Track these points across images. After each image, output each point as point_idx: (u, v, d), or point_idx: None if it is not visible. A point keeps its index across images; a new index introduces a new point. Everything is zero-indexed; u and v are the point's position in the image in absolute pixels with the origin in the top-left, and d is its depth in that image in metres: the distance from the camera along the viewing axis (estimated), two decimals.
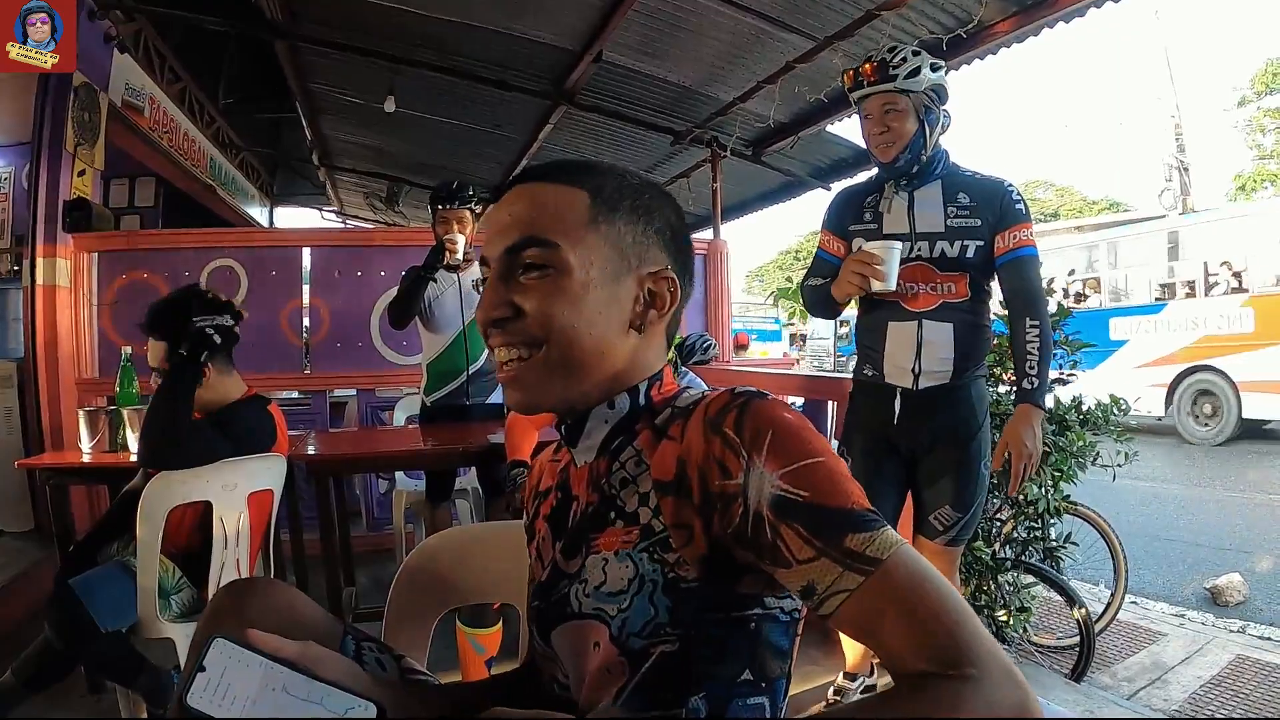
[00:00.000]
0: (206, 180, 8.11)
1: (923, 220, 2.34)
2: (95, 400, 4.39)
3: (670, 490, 0.84)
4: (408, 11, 5.31)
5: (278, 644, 0.79)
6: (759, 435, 0.78)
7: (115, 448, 3.06)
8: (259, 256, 4.95)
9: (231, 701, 0.75)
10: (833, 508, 0.74)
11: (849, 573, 0.71)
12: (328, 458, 3.22)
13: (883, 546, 0.71)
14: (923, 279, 2.33)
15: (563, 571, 0.92)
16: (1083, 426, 3.39)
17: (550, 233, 0.88)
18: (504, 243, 0.90)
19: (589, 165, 0.96)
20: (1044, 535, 3.41)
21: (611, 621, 0.84)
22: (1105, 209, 37.37)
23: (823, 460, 0.77)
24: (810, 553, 0.73)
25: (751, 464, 0.77)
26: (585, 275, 0.88)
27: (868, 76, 2.32)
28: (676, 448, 0.86)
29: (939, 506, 2.39)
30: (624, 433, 0.93)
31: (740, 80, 5.89)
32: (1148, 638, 3.75)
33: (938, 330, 2.34)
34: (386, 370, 5.07)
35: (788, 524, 0.74)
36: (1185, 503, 7.53)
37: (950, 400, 2.37)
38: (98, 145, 4.96)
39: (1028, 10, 4.37)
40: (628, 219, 0.93)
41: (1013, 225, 2.31)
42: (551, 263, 0.88)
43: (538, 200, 0.91)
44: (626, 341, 0.93)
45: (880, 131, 2.33)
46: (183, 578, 2.41)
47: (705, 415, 0.83)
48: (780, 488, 0.75)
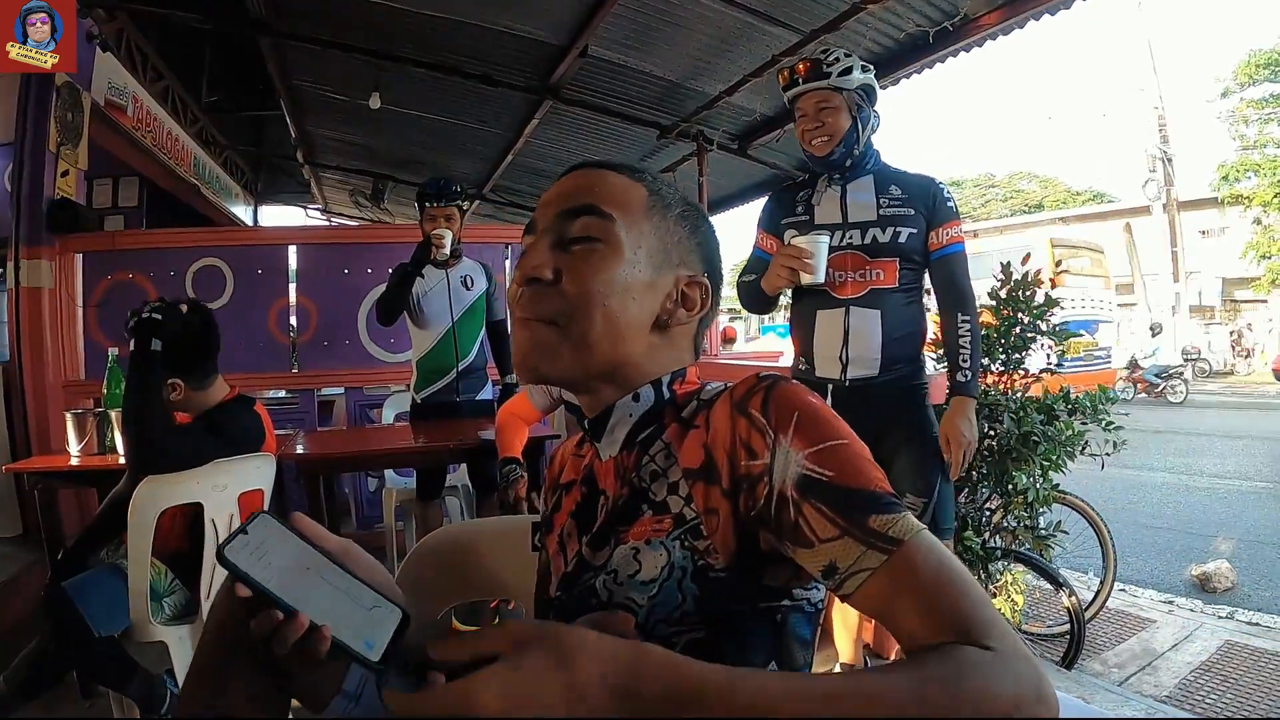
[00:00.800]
0: (191, 179, 8.05)
1: (855, 210, 2.41)
2: (82, 402, 4.36)
3: (700, 476, 0.84)
4: (392, 7, 5.28)
5: (321, 533, 0.80)
6: (785, 416, 0.79)
7: (104, 450, 3.05)
8: (245, 255, 4.92)
9: (265, 567, 0.77)
10: (857, 488, 0.75)
11: (872, 551, 0.72)
12: (318, 457, 3.22)
13: (905, 529, 0.72)
14: (852, 266, 2.39)
15: (589, 564, 0.92)
16: (1070, 416, 3.41)
17: (609, 206, 0.90)
18: (561, 205, 0.92)
19: (646, 169, 0.99)
20: (1034, 524, 3.42)
21: (640, 610, 0.84)
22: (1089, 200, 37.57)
23: (847, 443, 0.78)
24: (834, 531, 0.73)
25: (778, 444, 0.78)
26: (632, 255, 0.90)
27: (802, 75, 2.40)
28: (703, 435, 0.86)
29: (901, 497, 2.40)
30: (650, 425, 0.93)
31: (726, 74, 5.89)
32: (1137, 625, 3.77)
33: (865, 317, 2.39)
34: (374, 368, 5.05)
35: (812, 503, 0.75)
36: (1173, 490, 7.59)
37: (881, 397, 2.41)
38: (81, 145, 4.91)
39: (1013, 3, 4.38)
40: (678, 220, 0.96)
41: (945, 223, 2.42)
42: (604, 235, 0.89)
43: (600, 179, 0.93)
44: (649, 335, 0.93)
45: (815, 127, 2.40)
46: (174, 580, 2.40)
47: (731, 399, 0.84)
48: (806, 467, 0.76)
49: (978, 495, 3.45)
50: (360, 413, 5.13)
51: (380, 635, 0.78)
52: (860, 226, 2.39)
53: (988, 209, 42.16)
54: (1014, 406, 3.34)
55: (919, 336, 2.50)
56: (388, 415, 4.52)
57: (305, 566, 0.80)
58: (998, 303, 3.48)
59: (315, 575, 0.80)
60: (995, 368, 3.47)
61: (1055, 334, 3.46)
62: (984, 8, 4.48)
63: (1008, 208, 41.33)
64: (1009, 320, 3.45)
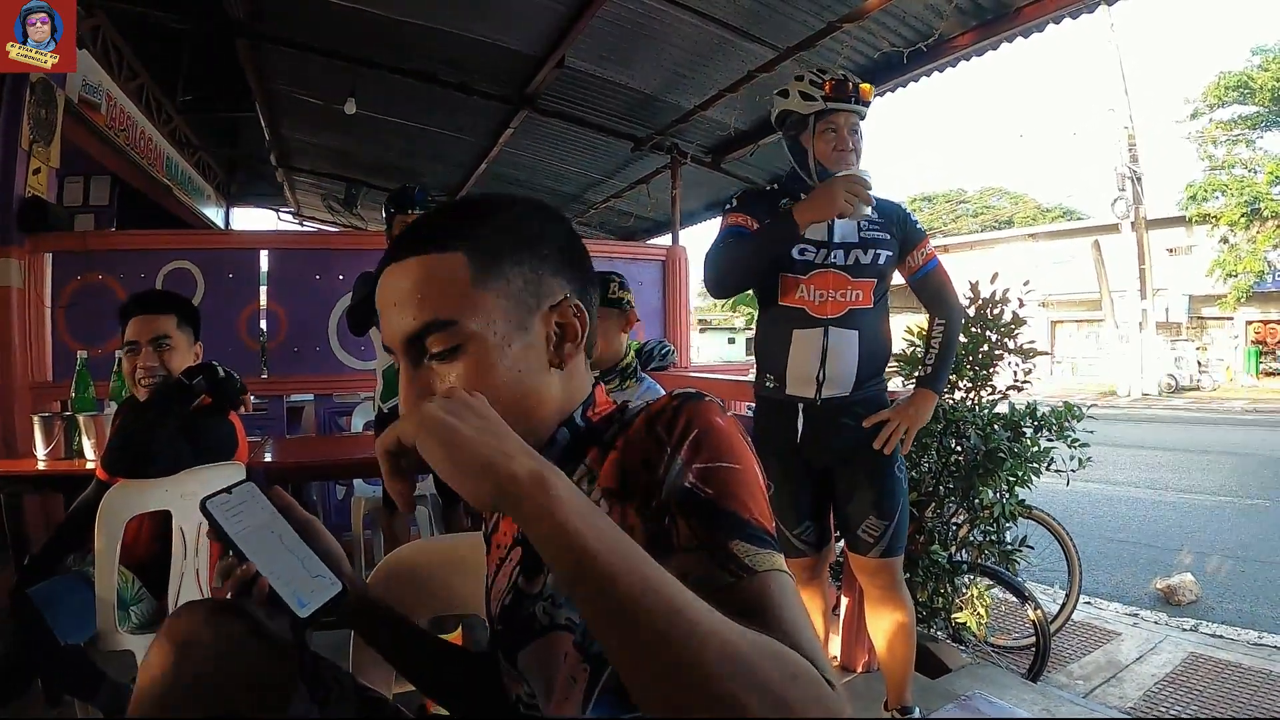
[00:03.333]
0: (164, 180, 7.98)
1: (839, 231, 2.41)
2: (49, 404, 4.30)
3: (615, 497, 0.85)
4: (370, 12, 5.27)
5: (292, 506, 0.91)
6: (685, 433, 0.80)
7: (71, 454, 3.01)
8: (216, 259, 4.88)
9: (237, 524, 0.97)
10: (729, 511, 0.75)
11: (721, 571, 0.72)
12: (289, 465, 3.20)
13: (763, 563, 0.72)
14: (834, 286, 2.39)
15: (524, 593, 0.94)
16: (1036, 433, 3.45)
17: (442, 311, 0.86)
18: (402, 331, 0.87)
19: (460, 215, 0.92)
20: (1000, 539, 3.46)
21: (576, 628, 0.86)
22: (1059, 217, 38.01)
23: (738, 467, 0.79)
24: (694, 543, 0.74)
25: (673, 458, 0.79)
26: (492, 338, 0.87)
27: (852, 92, 2.37)
28: (618, 456, 0.87)
29: (864, 519, 2.42)
30: (571, 461, 0.93)
31: (702, 88, 5.92)
32: (1103, 637, 3.83)
33: (843, 337, 2.39)
34: (344, 375, 5.02)
35: (684, 516, 0.76)
36: (1139, 504, 7.69)
37: (853, 414, 2.42)
38: (54, 143, 4.84)
39: (987, 24, 4.44)
40: (513, 263, 0.90)
41: (917, 243, 2.47)
42: (458, 340, 0.86)
43: (417, 278, 0.87)
44: (553, 380, 0.92)
45: (851, 149, 2.39)
46: (141, 588, 2.37)
47: (647, 416, 0.85)
48: (690, 481, 0.77)
49: (945, 509, 3.48)
50: (330, 420, 5.10)
51: (315, 598, 0.96)
52: (844, 247, 2.39)
53: (958, 224, 42.60)
54: (980, 422, 3.38)
55: (888, 355, 2.53)
56: (357, 423, 4.49)
57: (270, 530, 0.99)
58: (966, 321, 3.51)
59: (275, 538, 0.99)
60: (963, 384, 3.50)
61: (1023, 352, 3.50)
62: (958, 29, 4.53)
63: (978, 223, 41.79)
64: (977, 338, 3.49)
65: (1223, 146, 25.23)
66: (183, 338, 2.46)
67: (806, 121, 2.41)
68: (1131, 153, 23.04)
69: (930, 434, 3.35)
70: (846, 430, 2.40)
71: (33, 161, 4.60)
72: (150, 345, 2.40)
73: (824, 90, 2.37)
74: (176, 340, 2.44)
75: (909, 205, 2.64)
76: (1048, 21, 4.28)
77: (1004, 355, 3.49)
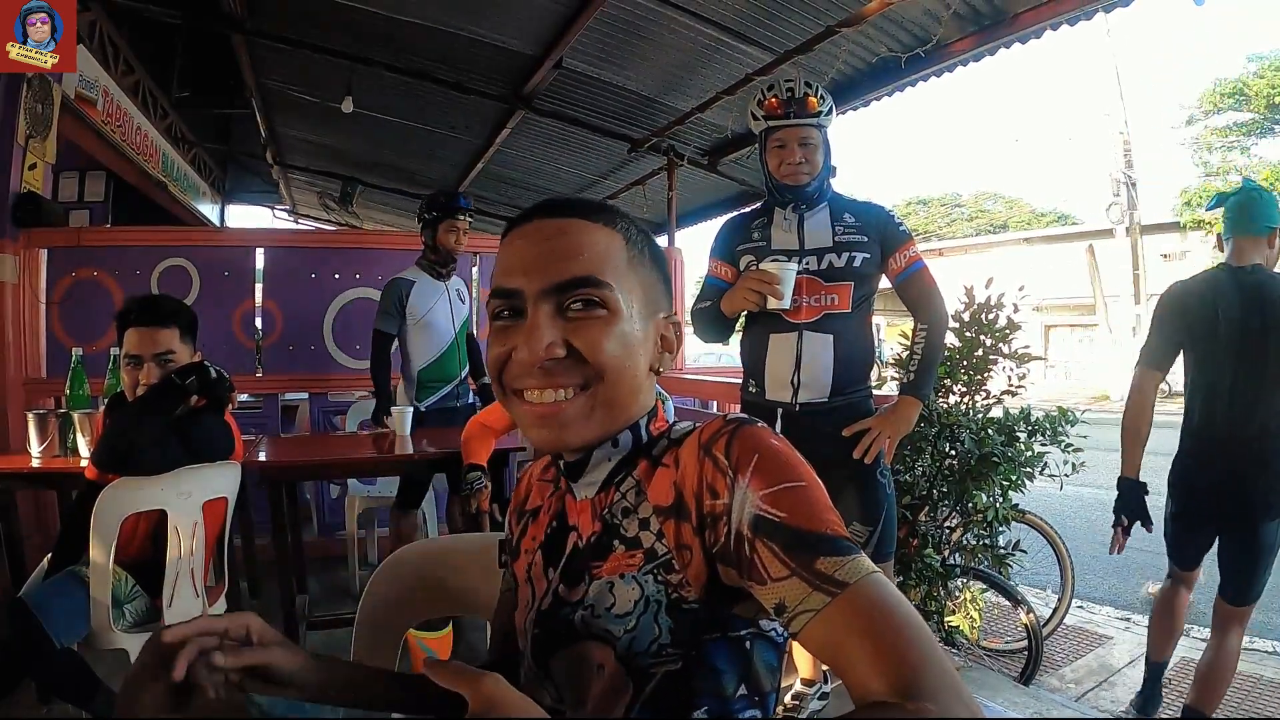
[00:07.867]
0: (158, 176, 7.95)
1: (811, 237, 2.44)
2: (43, 401, 4.29)
3: (670, 514, 0.87)
4: (367, 10, 5.27)
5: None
6: (746, 458, 0.81)
7: (65, 452, 3.00)
8: (211, 256, 4.86)
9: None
10: (807, 530, 0.76)
11: (816, 593, 0.73)
12: (285, 464, 3.19)
13: (852, 572, 0.73)
14: (807, 291, 2.40)
15: (564, 600, 0.94)
16: (1030, 438, 3.46)
17: (603, 272, 0.88)
18: (552, 278, 0.87)
19: (608, 206, 0.96)
20: (993, 543, 3.47)
21: (618, 642, 0.86)
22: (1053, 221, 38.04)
23: (803, 486, 0.80)
24: (784, 571, 0.75)
25: (737, 484, 0.80)
26: (629, 314, 0.89)
27: (790, 110, 2.43)
28: (672, 474, 0.88)
29: (848, 526, 2.41)
30: (625, 467, 0.95)
31: (699, 90, 5.92)
32: (1095, 641, 3.84)
33: (818, 341, 2.40)
34: (339, 374, 5.00)
35: (764, 542, 0.77)
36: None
37: (832, 421, 2.43)
38: (49, 138, 4.83)
39: (985, 30, 4.44)
40: (651, 265, 0.95)
41: (900, 246, 2.46)
42: (604, 302, 0.87)
43: (584, 237, 0.90)
44: (648, 382, 0.95)
45: (800, 161, 2.42)
46: (135, 587, 2.37)
47: (699, 440, 0.86)
48: (760, 508, 0.78)
49: (938, 513, 3.49)
50: (324, 419, 5.09)
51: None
52: (817, 253, 2.41)
53: (953, 228, 42.56)
54: (975, 427, 3.39)
55: (869, 361, 2.53)
56: (351, 423, 4.49)
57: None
58: (960, 325, 3.52)
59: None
60: (958, 388, 3.51)
61: (1017, 357, 3.51)
62: (957, 34, 4.54)
63: (973, 227, 41.74)
64: (971, 342, 3.49)
65: (1218, 153, 25.25)
66: (185, 350, 2.47)
67: (762, 139, 2.51)
68: (1126, 158, 23.07)
69: (924, 438, 3.37)
70: (825, 438, 2.39)
71: (28, 156, 4.58)
72: (154, 361, 2.40)
73: (764, 109, 2.47)
74: (180, 355, 2.45)
75: (904, 208, 2.63)
76: (1045, 28, 4.28)
77: (998, 360, 3.49)
